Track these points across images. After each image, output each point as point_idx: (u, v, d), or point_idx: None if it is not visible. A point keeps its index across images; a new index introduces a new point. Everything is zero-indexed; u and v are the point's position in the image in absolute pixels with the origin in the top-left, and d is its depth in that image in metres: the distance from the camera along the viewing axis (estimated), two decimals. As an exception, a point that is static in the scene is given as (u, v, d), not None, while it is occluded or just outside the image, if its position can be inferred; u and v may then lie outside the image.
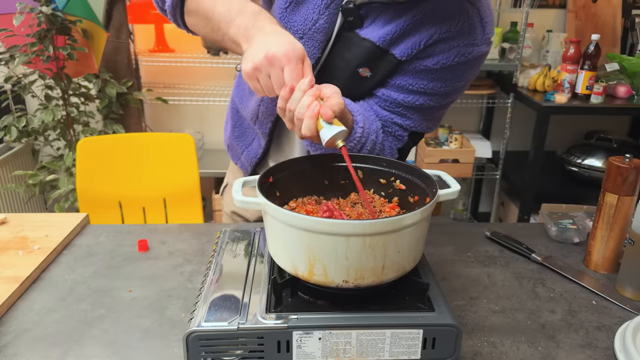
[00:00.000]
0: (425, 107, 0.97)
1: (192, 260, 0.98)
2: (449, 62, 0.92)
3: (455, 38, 0.90)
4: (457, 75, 0.94)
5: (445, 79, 0.94)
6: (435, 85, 0.95)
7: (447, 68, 0.93)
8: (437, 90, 0.95)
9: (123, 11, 2.42)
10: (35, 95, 2.27)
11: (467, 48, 0.91)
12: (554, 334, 0.79)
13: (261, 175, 0.76)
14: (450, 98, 0.99)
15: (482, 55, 0.94)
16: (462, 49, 0.91)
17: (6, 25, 2.04)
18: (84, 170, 1.68)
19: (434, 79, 0.94)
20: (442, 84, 0.95)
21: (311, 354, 0.67)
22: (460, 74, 0.94)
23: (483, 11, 0.92)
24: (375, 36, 0.91)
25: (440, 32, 0.90)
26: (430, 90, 0.95)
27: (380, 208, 0.83)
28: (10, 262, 0.94)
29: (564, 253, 1.04)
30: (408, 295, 0.72)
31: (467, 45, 0.91)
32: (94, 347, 0.75)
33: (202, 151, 2.83)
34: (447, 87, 0.95)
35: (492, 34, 0.94)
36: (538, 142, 2.39)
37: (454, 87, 0.96)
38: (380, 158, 0.86)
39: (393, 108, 0.98)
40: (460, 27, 0.90)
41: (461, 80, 0.95)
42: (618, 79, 2.50)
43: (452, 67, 0.93)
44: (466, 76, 0.96)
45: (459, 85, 0.96)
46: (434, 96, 0.96)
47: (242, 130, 1.17)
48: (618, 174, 0.90)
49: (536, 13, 2.71)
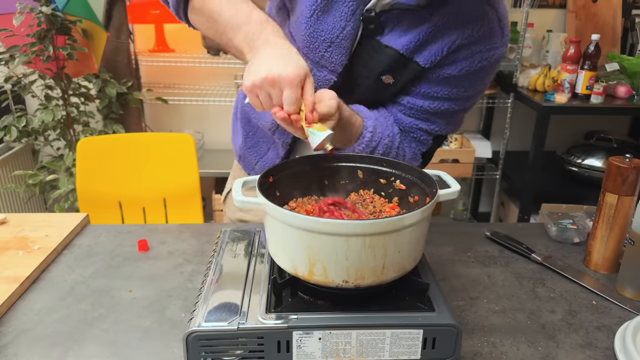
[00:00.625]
0: (449, 111, 0.98)
1: (192, 260, 0.98)
2: (472, 68, 0.92)
3: (477, 43, 0.90)
4: (480, 79, 0.96)
5: (468, 83, 0.95)
6: (459, 91, 0.95)
7: (470, 73, 0.93)
8: (461, 95, 0.96)
9: (123, 11, 2.42)
10: (35, 95, 2.27)
11: (489, 52, 0.92)
12: (554, 334, 0.79)
13: (261, 175, 0.76)
14: (473, 100, 1.00)
15: (501, 57, 0.95)
16: (484, 53, 0.92)
17: (6, 25, 2.04)
18: (84, 170, 1.68)
19: (457, 84, 0.95)
20: (465, 89, 0.96)
21: (311, 354, 0.67)
22: (482, 77, 0.96)
23: (501, 13, 0.92)
24: (398, 44, 0.91)
25: (462, 38, 0.89)
26: (455, 96, 0.96)
27: (381, 208, 0.83)
28: (10, 262, 0.94)
29: (564, 253, 1.04)
30: (408, 295, 0.72)
31: (488, 49, 0.91)
32: (94, 347, 0.75)
33: (202, 151, 2.83)
34: (470, 91, 0.96)
35: (509, 35, 0.96)
36: (538, 142, 2.39)
37: (477, 90, 0.97)
38: (381, 158, 0.86)
39: (418, 114, 0.99)
40: (482, 32, 0.90)
41: (483, 83, 0.97)
42: (618, 79, 2.50)
43: (475, 72, 0.93)
44: (487, 78, 0.97)
45: (481, 88, 0.98)
46: (458, 100, 0.97)
47: (255, 141, 1.15)
48: (618, 174, 0.90)
49: (536, 13, 2.71)
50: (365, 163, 0.86)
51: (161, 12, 2.54)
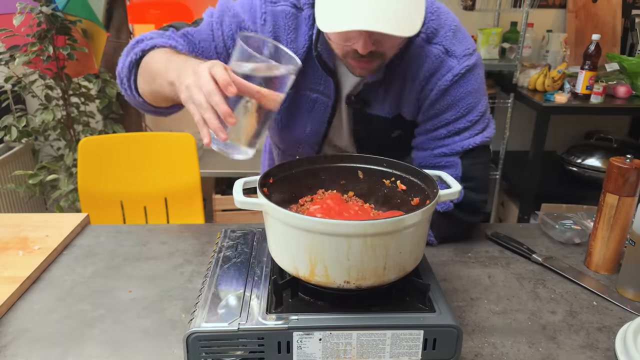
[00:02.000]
0: (457, 130, 1.02)
1: (192, 261, 0.98)
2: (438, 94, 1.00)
3: (434, 74, 0.99)
4: (461, 95, 1.00)
5: (452, 103, 1.00)
6: (453, 114, 1.01)
7: (442, 97, 1.00)
8: (457, 115, 1.01)
9: (123, 11, 2.41)
10: (35, 95, 2.27)
11: (447, 75, 0.99)
12: (554, 334, 0.79)
13: (261, 176, 0.76)
14: (477, 111, 1.02)
15: (469, 67, 0.99)
16: (443, 78, 0.99)
17: (6, 25, 2.03)
18: (86, 170, 1.68)
19: (443, 110, 1.01)
20: (455, 109, 1.01)
21: (311, 355, 0.67)
22: (462, 92, 1.00)
23: (447, 46, 0.99)
24: (382, 112, 1.05)
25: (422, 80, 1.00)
26: (451, 119, 1.01)
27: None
28: (10, 262, 0.94)
29: (564, 254, 1.04)
30: (409, 296, 0.72)
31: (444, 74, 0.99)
32: (94, 347, 0.75)
33: (202, 151, 2.82)
34: (462, 108, 1.01)
35: (467, 49, 1.00)
36: (538, 142, 2.39)
37: (467, 104, 1.01)
38: (381, 158, 0.86)
39: (430, 145, 1.05)
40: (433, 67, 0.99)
41: (470, 94, 1.00)
42: (618, 79, 2.50)
43: (445, 93, 1.00)
44: (470, 88, 1.00)
45: (470, 100, 1.01)
46: (459, 120, 1.02)
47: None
48: (619, 174, 0.90)
49: (536, 13, 2.71)
50: (365, 163, 0.86)
51: (161, 12, 2.54)
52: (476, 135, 1.02)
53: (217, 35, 1.00)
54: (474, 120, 1.01)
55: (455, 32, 1.00)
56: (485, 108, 1.04)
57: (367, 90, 1.02)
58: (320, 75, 1.02)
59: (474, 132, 1.02)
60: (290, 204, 0.83)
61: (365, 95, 1.03)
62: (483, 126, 1.03)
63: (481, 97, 1.02)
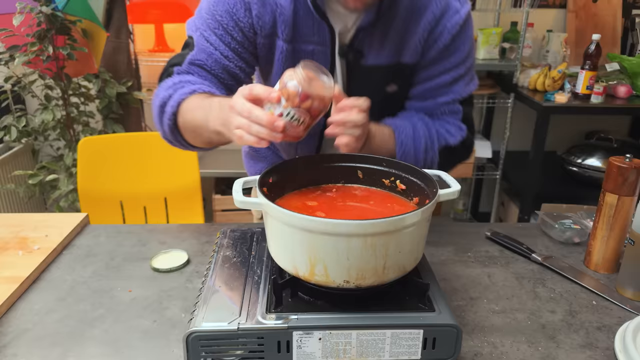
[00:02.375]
0: (457, 77, 1.03)
1: (192, 261, 0.98)
2: (449, 40, 0.99)
3: (441, 18, 0.98)
4: (463, 39, 1.01)
5: (456, 48, 1.01)
6: (455, 58, 1.02)
7: (451, 42, 1.00)
8: (459, 60, 1.02)
9: (123, 11, 2.41)
10: (35, 95, 2.27)
11: (454, 17, 0.98)
12: (554, 334, 0.79)
13: (261, 175, 0.76)
14: (470, 59, 1.05)
15: (469, 12, 1.01)
16: (451, 20, 0.98)
17: (6, 25, 2.03)
18: (85, 170, 1.68)
19: (448, 56, 1.01)
20: (458, 54, 1.01)
21: (311, 354, 0.67)
22: (464, 37, 1.01)
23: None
24: (380, 60, 1.01)
25: (427, 22, 0.98)
26: (454, 64, 1.02)
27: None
28: (10, 262, 0.94)
29: (564, 253, 1.04)
30: (408, 296, 0.72)
31: (451, 15, 0.98)
32: (94, 347, 0.75)
33: (202, 151, 2.82)
34: (463, 53, 1.02)
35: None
36: (538, 142, 2.39)
37: (467, 48, 1.02)
38: (381, 158, 0.86)
39: (432, 94, 1.05)
40: (440, 7, 0.98)
41: (468, 40, 1.02)
42: (618, 79, 2.50)
43: (454, 38, 1.00)
44: (469, 35, 1.02)
45: (469, 44, 1.03)
46: (460, 65, 1.03)
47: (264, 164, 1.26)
48: (618, 174, 0.90)
49: (536, 13, 2.71)
50: (365, 163, 0.86)
51: (161, 12, 2.54)
52: (470, 82, 1.06)
53: (213, 41, 0.98)
54: (469, 66, 1.04)
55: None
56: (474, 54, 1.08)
57: (362, 37, 0.98)
58: (313, 22, 0.97)
59: (469, 79, 1.06)
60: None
61: (359, 44, 0.99)
62: (473, 74, 1.07)
63: (473, 42, 1.05)
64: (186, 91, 0.93)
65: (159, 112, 0.98)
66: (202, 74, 0.99)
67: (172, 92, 0.95)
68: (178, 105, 0.93)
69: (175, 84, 0.97)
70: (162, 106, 0.96)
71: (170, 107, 0.94)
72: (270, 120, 0.73)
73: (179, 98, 0.93)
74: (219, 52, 0.98)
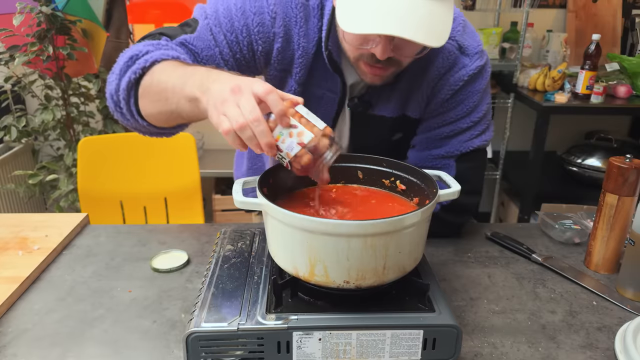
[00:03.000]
0: (458, 131, 1.01)
1: (192, 261, 0.98)
2: (449, 94, 0.98)
3: (445, 73, 0.97)
4: (468, 94, 0.99)
5: (459, 103, 0.99)
6: (457, 112, 1.00)
7: (452, 97, 0.98)
8: (461, 114, 1.00)
9: (123, 11, 2.41)
10: (35, 95, 2.27)
11: (459, 72, 0.97)
12: (554, 334, 0.79)
13: (261, 176, 0.76)
14: (479, 111, 1.01)
15: (479, 68, 0.97)
16: (456, 75, 0.97)
17: (6, 25, 2.03)
18: (86, 170, 1.68)
19: (449, 109, 1.00)
20: (460, 108, 0.99)
21: (311, 355, 0.67)
22: (470, 92, 0.99)
23: (460, 41, 0.96)
24: (386, 112, 1.01)
25: (431, 79, 0.97)
26: (454, 118, 1.00)
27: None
28: (10, 262, 0.94)
29: (564, 253, 1.04)
30: (408, 296, 0.72)
31: (457, 71, 0.97)
32: (93, 347, 0.75)
33: (202, 151, 2.83)
34: (467, 107, 0.99)
35: (478, 45, 0.98)
36: (538, 142, 2.39)
37: (472, 103, 0.99)
38: (381, 158, 0.86)
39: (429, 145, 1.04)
40: (445, 64, 0.96)
41: (474, 95, 0.99)
42: (618, 79, 2.50)
43: (456, 93, 0.98)
44: (477, 90, 0.99)
45: (476, 99, 1.00)
46: (461, 120, 1.01)
47: (260, 165, 1.23)
48: (619, 174, 0.90)
49: (536, 13, 2.71)
50: (365, 163, 0.86)
51: (161, 12, 2.54)
52: (475, 137, 1.02)
53: (219, 40, 0.90)
54: (475, 120, 1.00)
55: (465, 26, 0.98)
56: (488, 109, 1.03)
57: (372, 91, 0.99)
58: (327, 71, 0.96)
59: (474, 133, 1.02)
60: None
61: (369, 97, 1.00)
62: (484, 128, 1.03)
63: (485, 97, 1.01)
64: (170, 54, 0.83)
65: (124, 63, 0.84)
66: (190, 59, 0.89)
67: (152, 49, 0.84)
68: (154, 62, 0.81)
69: (159, 44, 0.86)
70: (132, 57, 0.84)
71: (144, 60, 0.81)
72: (270, 144, 0.66)
73: (158, 56, 0.82)
74: (218, 51, 0.91)
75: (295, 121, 0.68)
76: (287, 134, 0.68)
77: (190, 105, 0.74)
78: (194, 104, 0.73)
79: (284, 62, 0.95)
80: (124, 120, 0.90)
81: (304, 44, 0.93)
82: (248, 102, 0.65)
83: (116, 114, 0.90)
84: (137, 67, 0.82)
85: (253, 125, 0.64)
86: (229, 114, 0.65)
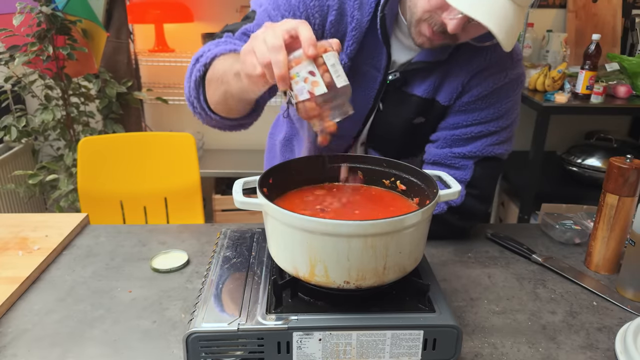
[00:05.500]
0: (483, 134, 1.01)
1: (192, 261, 0.98)
2: (487, 91, 0.99)
3: (487, 69, 0.97)
4: (502, 97, 1.00)
5: (492, 104, 1.00)
6: (488, 113, 1.00)
7: (488, 95, 0.99)
8: (491, 116, 1.00)
9: (123, 11, 2.41)
10: (35, 95, 2.27)
11: (500, 74, 0.98)
12: (554, 335, 0.79)
13: (261, 176, 0.76)
14: (509, 118, 1.02)
15: (519, 75, 0.99)
16: (496, 76, 0.98)
17: (6, 25, 2.03)
18: (85, 170, 1.68)
19: (481, 108, 1.00)
20: (492, 110, 1.00)
21: (311, 355, 0.67)
22: (505, 96, 1.00)
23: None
24: (419, 91, 1.00)
25: (471, 70, 0.98)
26: (484, 119, 1.00)
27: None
28: (10, 263, 0.94)
29: (564, 254, 1.04)
30: (408, 296, 0.72)
31: (498, 72, 0.98)
32: (93, 347, 0.75)
33: (202, 151, 2.83)
34: (499, 111, 1.00)
35: (521, 53, 0.99)
36: (538, 142, 2.39)
37: (504, 107, 1.00)
38: (381, 159, 0.86)
39: (451, 144, 1.03)
40: (489, 60, 0.97)
41: (508, 100, 1.00)
42: (618, 79, 2.50)
43: (491, 94, 0.99)
44: (511, 96, 1.00)
45: (509, 104, 1.01)
46: (490, 122, 1.00)
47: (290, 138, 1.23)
48: (619, 174, 0.90)
49: (536, 13, 2.71)
50: (365, 163, 0.86)
51: (161, 12, 2.54)
52: (499, 144, 1.02)
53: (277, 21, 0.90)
54: (503, 126, 1.01)
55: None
56: (516, 119, 1.03)
57: (410, 69, 0.99)
58: (376, 45, 0.96)
59: (500, 139, 1.01)
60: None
61: (407, 73, 0.99)
62: (508, 136, 1.03)
63: (516, 106, 1.02)
64: (228, 48, 0.90)
65: (191, 66, 0.93)
66: None
67: (213, 47, 0.92)
68: (213, 58, 0.88)
69: (219, 42, 0.93)
70: (197, 58, 0.92)
71: (206, 57, 0.89)
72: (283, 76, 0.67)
73: (217, 51, 0.89)
74: None
75: (315, 68, 0.67)
76: (302, 77, 0.67)
77: (236, 80, 0.78)
78: (237, 77, 0.77)
79: (337, 35, 0.95)
80: (202, 119, 0.98)
81: (358, 17, 0.93)
82: (274, 35, 0.67)
83: (195, 114, 0.98)
84: (200, 65, 0.90)
85: (272, 53, 0.67)
86: (255, 47, 0.69)
